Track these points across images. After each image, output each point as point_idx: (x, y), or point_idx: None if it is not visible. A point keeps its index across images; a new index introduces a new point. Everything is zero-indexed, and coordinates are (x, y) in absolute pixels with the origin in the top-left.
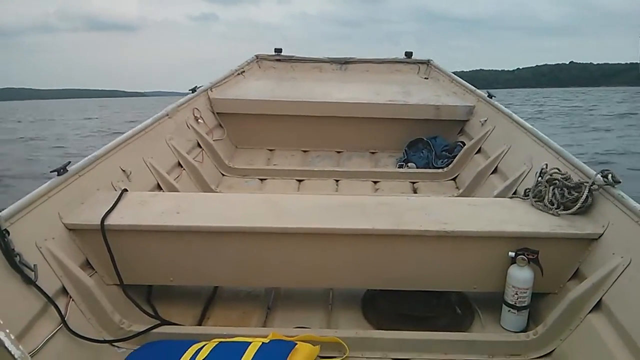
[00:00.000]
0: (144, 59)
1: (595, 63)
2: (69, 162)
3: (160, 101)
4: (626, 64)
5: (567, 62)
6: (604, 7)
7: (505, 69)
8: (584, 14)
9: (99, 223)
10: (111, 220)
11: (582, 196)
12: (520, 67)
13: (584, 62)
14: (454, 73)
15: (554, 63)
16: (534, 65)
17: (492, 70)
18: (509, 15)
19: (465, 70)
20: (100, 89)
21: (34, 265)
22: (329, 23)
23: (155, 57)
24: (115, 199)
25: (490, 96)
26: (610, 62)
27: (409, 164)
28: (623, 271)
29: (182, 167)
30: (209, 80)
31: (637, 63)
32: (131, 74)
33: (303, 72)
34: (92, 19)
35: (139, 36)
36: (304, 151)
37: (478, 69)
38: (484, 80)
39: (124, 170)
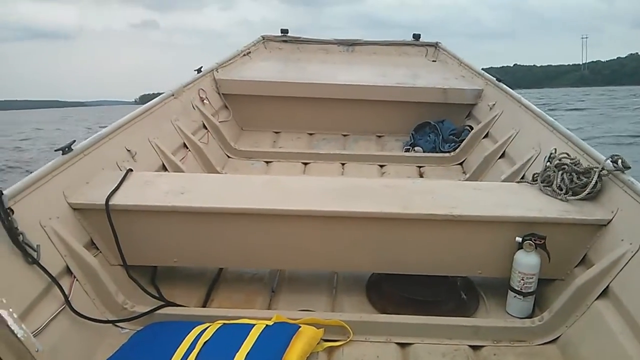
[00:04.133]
0: (84, 68)
1: (538, 65)
2: (74, 140)
3: (102, 111)
4: (568, 65)
5: (512, 65)
6: (539, 14)
7: None
8: (523, 20)
9: (104, 202)
10: (116, 200)
11: (591, 181)
12: None
13: (528, 64)
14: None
15: (499, 66)
16: (480, 68)
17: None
18: (451, 21)
19: None
20: (37, 99)
21: (37, 245)
22: (271, 29)
23: (95, 66)
24: (120, 179)
25: (499, 80)
26: (553, 64)
27: (416, 148)
28: (631, 258)
29: (187, 148)
30: (157, 87)
31: (579, 64)
32: (71, 84)
33: (309, 54)
34: (27, 28)
35: (77, 44)
36: (310, 134)
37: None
38: None
39: (129, 150)
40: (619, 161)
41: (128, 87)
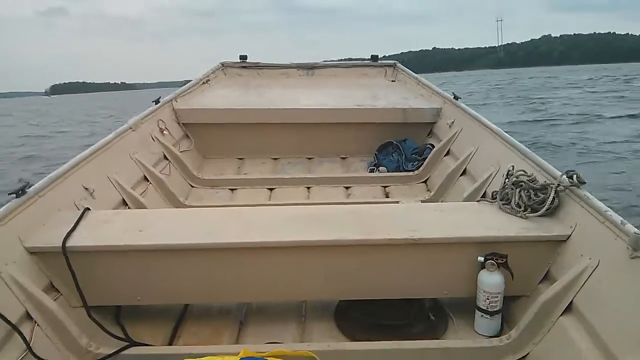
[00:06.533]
0: None
1: (457, 48)
2: (28, 183)
3: (12, 103)
4: (486, 47)
5: (431, 49)
6: None
7: None
8: (435, 3)
9: (61, 245)
10: (73, 242)
11: (548, 198)
12: (386, 55)
13: (447, 47)
14: (324, 61)
15: (418, 49)
16: (399, 52)
17: (359, 58)
18: (362, 5)
19: (334, 60)
20: None
21: None
22: (186, 15)
23: (2, 56)
24: (76, 219)
25: (456, 98)
26: (471, 47)
27: (380, 168)
28: (592, 272)
29: (148, 181)
30: (70, 77)
31: (495, 47)
32: None
33: (270, 79)
34: None
35: None
36: (275, 159)
37: (346, 57)
38: None
39: (86, 188)
40: (574, 176)
41: (38, 77)
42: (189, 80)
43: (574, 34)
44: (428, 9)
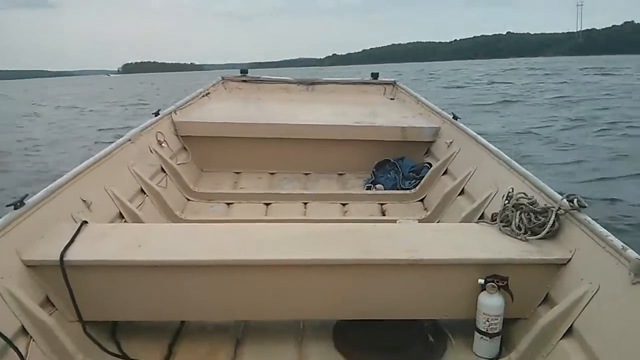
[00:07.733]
0: (68, 37)
1: (532, 33)
2: (26, 194)
3: (89, 80)
4: (563, 33)
5: (505, 33)
6: None
7: (443, 41)
8: None
9: (58, 259)
10: (70, 256)
11: (549, 221)
12: (458, 39)
13: (522, 32)
14: (392, 45)
15: (491, 34)
16: (471, 36)
17: (429, 42)
18: None
19: (402, 43)
20: (23, 69)
21: None
22: None
23: (80, 35)
24: (74, 232)
25: (455, 117)
26: (547, 32)
27: (377, 185)
28: (592, 297)
29: (145, 193)
30: (143, 56)
31: (573, 32)
32: (56, 53)
33: (269, 93)
34: None
35: (61, 12)
36: (271, 173)
37: (415, 41)
38: (423, 52)
39: (84, 201)
40: (575, 200)
41: (112, 55)
42: (258, 62)
43: None
44: None
